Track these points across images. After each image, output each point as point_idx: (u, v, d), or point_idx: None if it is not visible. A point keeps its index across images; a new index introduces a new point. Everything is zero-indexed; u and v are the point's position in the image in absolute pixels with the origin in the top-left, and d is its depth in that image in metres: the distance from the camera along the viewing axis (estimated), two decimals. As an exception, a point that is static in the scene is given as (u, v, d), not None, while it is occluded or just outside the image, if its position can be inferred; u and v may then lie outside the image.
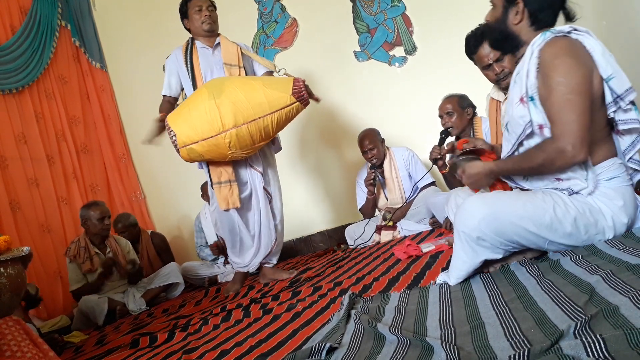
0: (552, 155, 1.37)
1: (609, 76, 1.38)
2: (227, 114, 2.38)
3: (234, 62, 2.73)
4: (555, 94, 1.36)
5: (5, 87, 3.72)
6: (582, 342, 0.77)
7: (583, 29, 1.44)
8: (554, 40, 1.40)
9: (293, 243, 4.24)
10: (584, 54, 1.39)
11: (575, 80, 1.35)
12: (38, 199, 3.77)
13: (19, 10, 4.02)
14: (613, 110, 1.41)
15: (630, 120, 1.41)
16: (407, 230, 3.23)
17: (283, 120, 2.49)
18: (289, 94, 2.42)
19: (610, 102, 1.41)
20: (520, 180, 1.53)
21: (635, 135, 1.46)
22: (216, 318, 2.07)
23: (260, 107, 2.40)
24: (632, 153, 1.46)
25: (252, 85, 2.45)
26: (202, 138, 2.42)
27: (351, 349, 1.15)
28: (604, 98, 1.41)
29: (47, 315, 3.52)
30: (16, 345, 1.44)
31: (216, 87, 2.44)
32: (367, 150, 3.41)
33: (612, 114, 1.42)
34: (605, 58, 1.39)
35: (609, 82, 1.39)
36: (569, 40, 1.40)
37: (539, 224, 1.36)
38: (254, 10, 4.31)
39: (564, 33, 1.42)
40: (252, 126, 2.41)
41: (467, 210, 1.41)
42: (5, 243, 1.48)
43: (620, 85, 1.39)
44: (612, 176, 1.41)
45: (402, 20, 3.95)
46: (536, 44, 1.43)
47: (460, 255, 1.46)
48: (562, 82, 1.35)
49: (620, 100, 1.40)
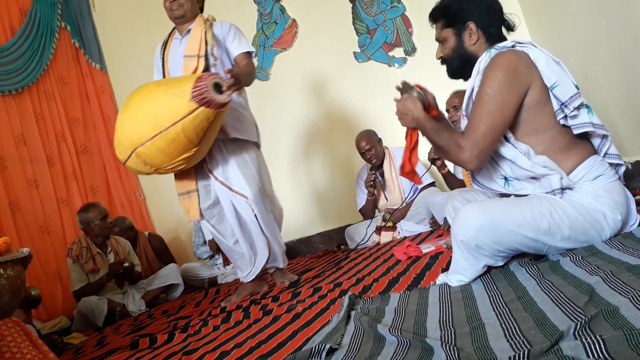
0: (452, 147, 1.47)
1: (553, 84, 1.43)
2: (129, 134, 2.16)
3: (193, 53, 2.38)
4: (479, 102, 1.44)
5: (4, 88, 3.72)
6: (582, 343, 0.77)
7: (526, 41, 1.50)
8: (497, 55, 1.46)
9: (293, 244, 4.24)
10: (524, 68, 1.42)
11: (500, 96, 1.41)
12: (37, 200, 3.77)
13: (19, 11, 4.03)
14: (562, 117, 1.44)
15: (582, 124, 1.44)
16: (407, 231, 3.23)
17: (193, 129, 2.08)
18: (187, 99, 2.03)
19: (557, 109, 1.44)
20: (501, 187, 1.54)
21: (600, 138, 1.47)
22: (216, 319, 2.07)
23: (160, 119, 2.07)
24: (604, 150, 1.47)
25: (154, 94, 2.13)
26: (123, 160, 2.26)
27: (351, 350, 1.15)
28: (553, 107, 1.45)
29: (47, 316, 3.51)
30: (16, 346, 1.44)
31: (125, 102, 2.26)
32: (365, 151, 3.41)
33: (562, 120, 1.45)
34: (550, 67, 1.44)
35: (553, 91, 1.43)
36: (512, 54, 1.44)
37: (537, 230, 1.37)
38: (253, 11, 4.31)
39: (507, 47, 1.47)
40: (157, 141, 2.09)
41: (464, 220, 1.41)
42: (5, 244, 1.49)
43: (565, 92, 1.42)
44: (597, 175, 1.42)
45: (402, 21, 3.95)
46: (482, 62, 1.50)
47: (461, 263, 1.46)
48: (488, 94, 1.42)
49: (564, 107, 1.43)
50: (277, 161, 4.32)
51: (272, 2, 4.26)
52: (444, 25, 1.60)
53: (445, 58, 1.65)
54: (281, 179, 4.33)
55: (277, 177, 4.32)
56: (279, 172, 4.33)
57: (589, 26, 2.47)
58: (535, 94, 1.43)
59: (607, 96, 2.43)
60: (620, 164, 1.49)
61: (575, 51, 2.69)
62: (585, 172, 1.42)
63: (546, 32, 3.11)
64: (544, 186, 1.43)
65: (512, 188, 1.51)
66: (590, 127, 1.43)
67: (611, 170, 1.45)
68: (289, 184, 4.32)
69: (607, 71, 2.40)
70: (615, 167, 1.49)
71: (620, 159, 1.49)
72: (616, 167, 1.49)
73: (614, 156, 1.48)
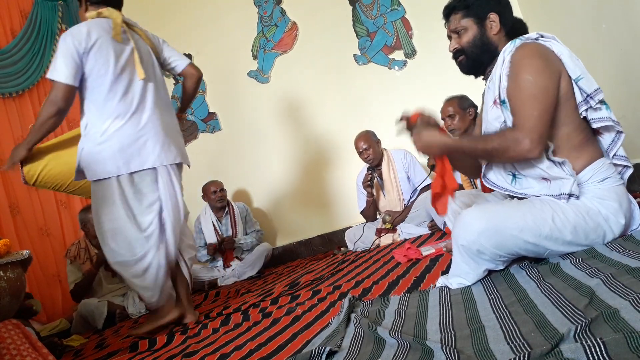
0: (508, 143, 1.40)
1: (578, 77, 1.43)
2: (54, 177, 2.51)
3: None
4: (521, 90, 1.41)
5: (5, 91, 3.73)
6: (583, 346, 0.77)
7: (549, 35, 1.50)
8: (523, 45, 1.47)
9: (293, 246, 4.25)
10: (552, 57, 1.44)
11: (542, 80, 1.40)
12: (37, 202, 3.77)
13: (20, 14, 4.03)
14: (584, 109, 1.45)
15: (602, 119, 1.45)
16: (407, 233, 3.23)
17: None
18: None
19: (581, 101, 1.45)
20: (508, 184, 1.52)
21: (614, 133, 1.48)
22: (215, 321, 2.07)
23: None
24: (614, 150, 1.48)
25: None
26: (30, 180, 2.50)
27: (351, 352, 1.15)
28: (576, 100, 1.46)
29: (47, 318, 3.51)
30: (15, 349, 1.44)
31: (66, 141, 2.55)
32: (363, 150, 3.43)
33: (584, 112, 1.45)
34: (573, 61, 1.45)
35: (578, 83, 1.44)
36: (538, 45, 1.46)
37: (538, 235, 1.36)
38: (253, 13, 4.32)
39: (532, 39, 1.48)
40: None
41: (465, 224, 1.40)
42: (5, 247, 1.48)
43: (589, 85, 1.44)
44: (604, 177, 1.42)
45: (402, 24, 3.96)
46: (507, 51, 1.49)
47: (462, 266, 1.46)
48: (529, 80, 1.40)
49: (590, 99, 1.43)
50: (277, 163, 4.32)
51: (273, 5, 4.26)
52: (464, 15, 1.59)
53: (463, 48, 1.60)
54: (281, 181, 4.34)
55: (277, 179, 4.34)
56: (278, 174, 4.34)
57: (589, 28, 2.48)
58: (564, 85, 1.43)
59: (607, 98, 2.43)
60: (627, 167, 1.49)
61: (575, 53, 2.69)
62: (593, 173, 1.42)
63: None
64: (552, 188, 1.42)
65: (519, 185, 1.50)
66: (610, 122, 1.44)
67: (617, 175, 1.45)
68: (288, 186, 4.32)
69: (607, 73, 2.40)
70: (622, 171, 1.49)
71: (628, 161, 1.49)
72: (622, 172, 1.49)
73: (622, 158, 1.48)
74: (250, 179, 4.42)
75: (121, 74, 2.16)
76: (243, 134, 4.40)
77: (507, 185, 1.53)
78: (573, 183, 1.39)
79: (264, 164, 4.37)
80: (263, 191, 4.40)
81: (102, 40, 2.15)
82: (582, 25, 2.57)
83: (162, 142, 2.19)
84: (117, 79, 2.15)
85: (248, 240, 3.94)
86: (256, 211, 4.34)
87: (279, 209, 4.36)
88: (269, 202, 4.39)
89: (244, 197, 4.42)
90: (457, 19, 1.61)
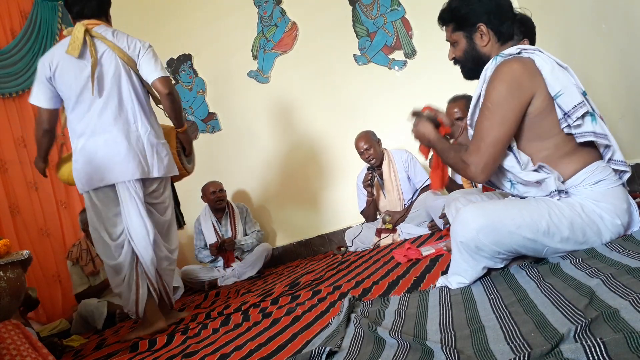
0: (459, 164, 1.53)
1: (557, 93, 1.41)
2: None
3: None
4: (480, 117, 1.47)
5: (5, 91, 3.73)
6: (583, 346, 0.77)
7: (533, 47, 1.49)
8: (502, 64, 1.45)
9: (293, 246, 4.25)
10: (528, 76, 1.42)
11: (501, 111, 1.41)
12: (37, 202, 3.77)
13: (20, 14, 4.03)
14: (565, 125, 1.43)
15: (584, 134, 1.42)
16: (407, 233, 3.23)
17: None
18: None
19: (561, 118, 1.43)
20: (507, 189, 1.54)
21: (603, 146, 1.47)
22: (215, 322, 2.07)
23: None
24: (609, 156, 1.47)
25: None
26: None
27: (351, 352, 1.15)
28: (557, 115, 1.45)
29: (47, 319, 3.51)
30: (15, 349, 1.44)
31: None
32: (363, 150, 3.43)
33: (566, 129, 1.44)
34: (554, 75, 1.42)
35: (557, 100, 1.42)
36: (517, 63, 1.43)
37: (536, 231, 1.36)
38: (253, 13, 4.32)
39: (513, 55, 1.47)
40: None
41: (464, 221, 1.41)
42: (5, 247, 1.48)
43: (569, 101, 1.41)
44: (598, 180, 1.42)
45: (402, 24, 3.96)
46: (489, 70, 1.50)
47: (461, 264, 1.46)
48: (489, 108, 1.44)
49: (567, 117, 1.41)
50: (277, 163, 4.32)
51: (273, 5, 4.26)
52: (454, 29, 1.60)
53: (457, 59, 1.64)
54: (281, 181, 4.34)
55: (277, 179, 4.34)
56: (278, 174, 4.34)
57: (589, 28, 2.48)
58: (539, 103, 1.42)
59: (607, 99, 2.43)
60: (625, 171, 1.48)
61: (575, 54, 2.69)
62: (586, 177, 1.42)
63: (546, 35, 3.11)
64: (543, 189, 1.44)
65: (517, 191, 1.52)
66: (592, 137, 1.42)
67: (614, 176, 1.45)
68: (288, 186, 4.32)
69: (606, 74, 2.40)
70: (620, 173, 1.48)
71: (626, 166, 1.47)
72: (620, 174, 1.48)
73: (619, 163, 1.46)
74: (250, 179, 4.42)
75: (82, 93, 2.25)
76: (243, 134, 4.40)
77: (507, 190, 1.56)
78: (555, 179, 1.40)
79: (264, 164, 4.37)
80: (263, 191, 4.40)
81: (63, 62, 2.24)
82: (582, 25, 2.57)
83: (120, 159, 2.24)
84: (79, 98, 2.25)
85: (248, 241, 3.94)
86: (256, 211, 4.34)
87: (279, 209, 4.36)
88: (269, 202, 4.39)
89: (243, 198, 4.42)
90: (449, 31, 1.63)
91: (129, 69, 2.31)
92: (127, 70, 2.30)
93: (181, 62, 4.54)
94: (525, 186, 1.49)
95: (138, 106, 2.32)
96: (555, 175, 1.41)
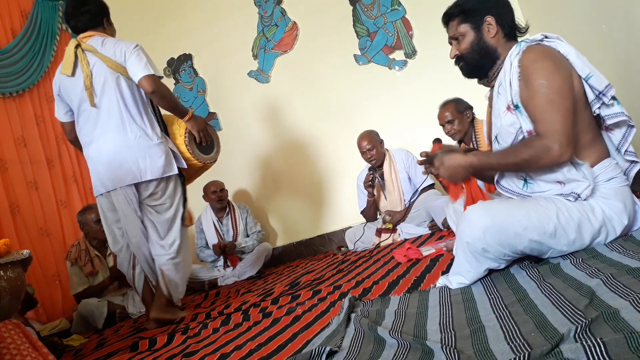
0: (539, 153, 1.38)
1: (587, 75, 1.42)
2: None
3: None
4: (539, 96, 1.40)
5: (5, 91, 3.73)
6: (583, 346, 0.77)
7: (554, 36, 1.49)
8: (529, 48, 1.46)
9: (293, 246, 4.25)
10: (560, 57, 1.43)
11: (557, 82, 1.39)
12: (37, 202, 3.77)
13: (20, 13, 4.03)
14: (597, 107, 1.44)
15: (616, 114, 1.43)
16: (407, 233, 3.23)
17: None
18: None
19: (593, 99, 1.43)
20: (520, 188, 1.53)
21: (625, 128, 1.48)
22: (216, 321, 2.07)
23: None
24: (626, 146, 1.47)
25: None
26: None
27: (351, 352, 1.15)
28: (586, 98, 1.45)
29: (47, 318, 3.51)
30: (15, 348, 1.44)
31: None
32: (366, 150, 3.42)
33: (597, 110, 1.44)
34: (580, 59, 1.44)
35: (589, 81, 1.42)
36: (544, 47, 1.45)
37: (542, 233, 1.36)
38: (254, 13, 4.32)
39: (537, 41, 1.48)
40: None
41: (470, 221, 1.39)
42: (5, 246, 1.48)
43: (599, 82, 1.42)
44: (610, 177, 1.42)
45: (402, 24, 3.96)
46: (514, 55, 1.48)
47: (464, 265, 1.45)
48: (544, 84, 1.39)
49: (602, 96, 1.42)
50: (277, 163, 4.33)
51: (273, 5, 4.26)
52: (461, 21, 1.59)
53: (462, 54, 1.61)
54: (281, 181, 4.34)
55: (277, 179, 4.35)
56: (279, 174, 4.34)
57: (589, 28, 2.48)
58: (576, 84, 1.42)
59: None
60: (635, 162, 1.49)
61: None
62: (600, 172, 1.42)
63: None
64: (564, 190, 1.42)
65: (530, 189, 1.50)
66: (624, 117, 1.43)
67: (623, 175, 1.45)
68: (289, 186, 4.32)
69: (606, 74, 2.39)
70: (629, 168, 1.49)
71: (637, 157, 1.49)
72: (629, 170, 1.49)
73: (631, 153, 1.48)
74: (250, 179, 4.42)
75: (80, 106, 2.40)
76: (243, 134, 4.40)
77: (518, 190, 1.54)
78: (587, 187, 1.38)
79: (265, 164, 4.38)
80: (263, 191, 4.40)
81: (63, 80, 2.42)
82: (582, 26, 2.57)
83: (111, 167, 2.34)
84: (79, 111, 2.41)
85: (249, 243, 3.94)
86: (256, 211, 4.34)
87: (279, 209, 4.36)
88: (269, 202, 4.39)
89: (244, 197, 4.42)
90: (455, 25, 1.62)
91: (117, 76, 2.35)
92: (116, 77, 2.35)
93: (181, 62, 4.54)
94: (540, 184, 1.47)
95: (126, 112, 2.36)
96: (590, 183, 1.38)
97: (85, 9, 2.43)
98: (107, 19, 2.54)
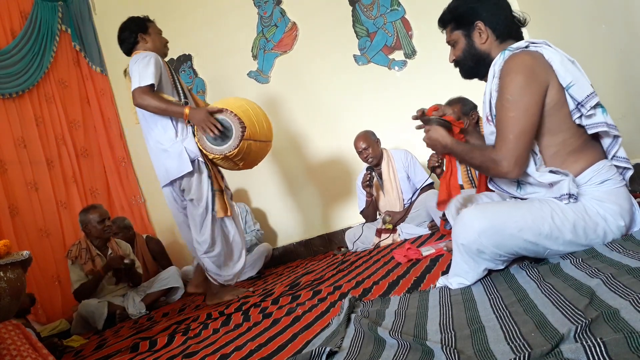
0: (488, 163, 1.46)
1: (569, 84, 1.41)
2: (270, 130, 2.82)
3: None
4: (502, 111, 1.43)
5: (5, 91, 3.73)
6: (583, 346, 0.77)
7: (540, 41, 1.49)
8: (511, 57, 1.45)
9: (293, 246, 4.25)
10: (539, 68, 1.41)
11: (523, 100, 1.39)
12: (37, 203, 3.77)
13: (20, 14, 4.04)
14: (577, 116, 1.43)
15: (596, 125, 1.42)
16: (407, 233, 3.23)
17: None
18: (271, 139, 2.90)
19: (573, 109, 1.43)
20: (514, 190, 1.54)
21: (612, 137, 1.47)
22: (216, 322, 2.07)
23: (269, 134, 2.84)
24: (613, 152, 1.47)
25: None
26: (259, 139, 2.68)
27: (351, 352, 1.15)
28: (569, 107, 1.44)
29: (47, 319, 3.51)
30: (15, 349, 1.44)
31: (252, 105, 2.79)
32: (362, 150, 3.43)
33: (578, 120, 1.44)
34: (565, 66, 1.42)
35: (569, 90, 1.42)
36: (527, 55, 1.43)
37: (538, 234, 1.36)
38: (253, 14, 4.32)
39: (521, 48, 1.47)
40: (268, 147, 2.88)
41: (465, 223, 1.40)
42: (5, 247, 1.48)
43: (581, 92, 1.41)
44: (604, 179, 1.41)
45: (402, 24, 3.96)
46: (497, 65, 1.49)
47: (462, 266, 1.46)
48: (509, 100, 1.41)
49: (581, 107, 1.41)
50: (277, 164, 4.32)
51: (273, 5, 4.26)
52: (453, 28, 1.61)
53: (457, 60, 1.64)
54: (281, 182, 4.34)
55: (276, 179, 4.34)
56: (278, 174, 4.34)
57: (589, 28, 2.48)
58: (553, 94, 1.42)
59: (607, 98, 2.42)
60: (628, 168, 1.48)
61: (575, 53, 2.68)
62: (592, 175, 1.42)
63: (546, 35, 3.11)
64: (554, 191, 1.42)
65: (524, 192, 1.51)
66: (605, 127, 1.42)
67: (618, 176, 1.44)
68: (288, 186, 4.32)
69: (607, 73, 2.40)
70: (622, 172, 1.48)
71: (629, 163, 1.47)
72: (623, 173, 1.48)
73: (622, 159, 1.46)
74: (250, 179, 4.41)
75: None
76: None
77: (513, 191, 1.54)
78: (569, 182, 1.38)
79: (264, 164, 4.36)
80: (263, 191, 4.40)
81: None
82: (581, 26, 2.57)
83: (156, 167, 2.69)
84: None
85: (247, 239, 3.94)
86: (256, 211, 4.34)
87: (279, 209, 4.36)
88: (269, 202, 4.39)
89: (244, 197, 4.42)
90: (448, 31, 1.64)
91: None
92: None
93: (181, 62, 4.54)
94: (535, 186, 1.47)
95: (144, 121, 2.65)
96: (570, 178, 1.39)
97: (121, 39, 2.77)
98: (141, 36, 2.75)
